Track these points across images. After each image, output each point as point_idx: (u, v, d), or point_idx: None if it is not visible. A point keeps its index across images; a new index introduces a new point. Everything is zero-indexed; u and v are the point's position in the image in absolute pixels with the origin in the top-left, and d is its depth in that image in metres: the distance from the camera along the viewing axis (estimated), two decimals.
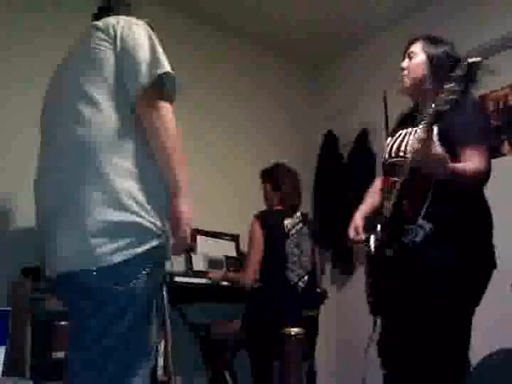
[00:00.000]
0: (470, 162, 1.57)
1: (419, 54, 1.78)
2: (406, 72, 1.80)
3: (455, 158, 1.59)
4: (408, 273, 1.63)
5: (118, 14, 1.53)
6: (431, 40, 1.80)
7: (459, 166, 1.58)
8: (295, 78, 3.95)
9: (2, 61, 2.54)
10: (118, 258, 1.23)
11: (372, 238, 1.79)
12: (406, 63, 1.81)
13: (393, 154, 1.77)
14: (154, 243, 1.29)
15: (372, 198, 1.93)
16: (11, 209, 2.45)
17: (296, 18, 3.44)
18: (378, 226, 1.76)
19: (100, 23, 1.41)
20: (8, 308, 2.02)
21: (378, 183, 1.95)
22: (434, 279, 1.58)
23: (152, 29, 1.47)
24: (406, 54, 1.83)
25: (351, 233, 1.87)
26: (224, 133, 3.40)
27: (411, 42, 1.83)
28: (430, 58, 1.75)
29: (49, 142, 1.41)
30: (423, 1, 3.20)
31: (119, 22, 1.39)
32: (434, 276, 1.58)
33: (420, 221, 1.61)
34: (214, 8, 3.32)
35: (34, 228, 1.46)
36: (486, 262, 1.63)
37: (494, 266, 1.64)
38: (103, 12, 1.58)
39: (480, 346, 1.63)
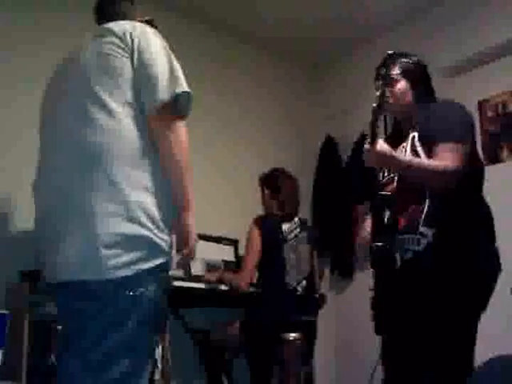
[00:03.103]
0: (438, 160, 1.57)
1: (400, 80, 1.75)
2: (391, 100, 1.75)
3: None
4: (412, 282, 1.62)
5: (123, 11, 1.53)
6: (402, 57, 1.78)
7: (416, 160, 1.61)
8: (295, 81, 3.95)
9: (4, 61, 2.53)
10: (127, 272, 1.23)
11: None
12: (388, 91, 1.74)
13: (385, 174, 1.79)
14: (162, 260, 1.30)
15: None
16: (10, 211, 2.45)
17: (297, 21, 3.43)
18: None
19: (114, 28, 1.39)
20: (6, 311, 2.01)
21: None
22: (439, 286, 1.57)
23: (155, 27, 1.47)
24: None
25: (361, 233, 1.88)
26: (224, 137, 3.39)
27: (387, 64, 1.75)
28: (410, 79, 1.75)
29: (52, 143, 1.39)
30: (425, 4, 3.20)
31: (135, 30, 1.37)
32: (439, 282, 1.58)
33: (421, 228, 1.61)
34: (216, 10, 3.30)
35: (33, 231, 1.45)
36: (491, 265, 1.63)
37: (499, 268, 1.63)
38: (106, 8, 1.57)
39: (479, 351, 1.63)
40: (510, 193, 2.67)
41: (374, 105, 1.56)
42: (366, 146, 1.59)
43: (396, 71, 1.76)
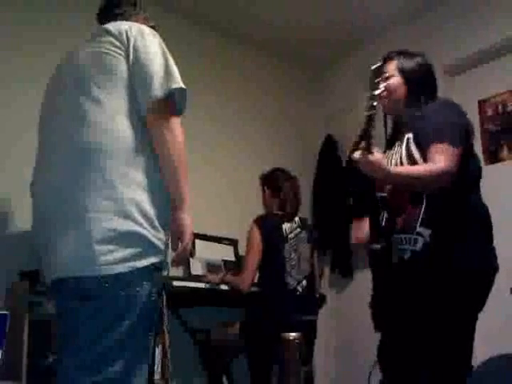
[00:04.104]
0: (430, 161, 1.57)
1: (395, 75, 1.77)
2: (384, 94, 1.75)
3: None
4: (410, 281, 1.62)
5: (123, 14, 1.53)
6: (404, 55, 1.79)
7: (403, 168, 1.62)
8: (295, 82, 3.95)
9: (4, 61, 2.53)
10: (121, 269, 1.23)
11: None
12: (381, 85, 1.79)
13: None
14: (157, 258, 1.29)
15: None
16: (9, 211, 2.45)
17: (295, 24, 3.43)
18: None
19: (111, 28, 1.39)
20: (6, 312, 2.01)
21: None
22: (436, 285, 1.57)
23: (156, 31, 1.47)
24: None
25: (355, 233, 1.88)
26: (223, 136, 3.40)
27: (384, 62, 1.80)
28: (406, 76, 1.75)
29: (49, 143, 1.39)
30: (423, 5, 3.20)
31: (132, 29, 1.37)
32: (437, 282, 1.57)
33: (419, 228, 1.60)
34: (216, 14, 3.31)
35: (32, 230, 1.45)
36: (488, 265, 1.62)
37: (496, 268, 1.63)
38: (107, 12, 1.57)
39: (479, 351, 1.63)
40: (510, 192, 2.67)
41: (366, 113, 1.56)
42: (355, 155, 1.58)
43: (392, 67, 1.77)
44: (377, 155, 1.55)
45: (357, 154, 1.57)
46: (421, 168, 1.59)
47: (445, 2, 3.14)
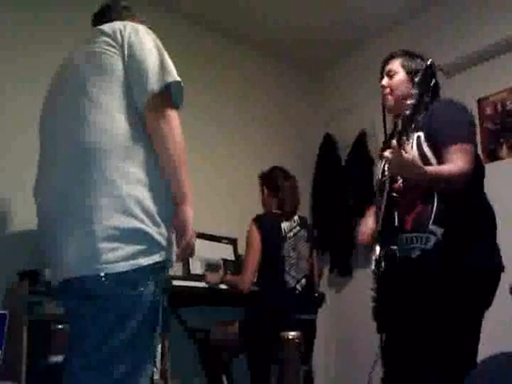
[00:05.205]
0: (450, 162, 1.57)
1: (399, 72, 1.78)
2: (387, 90, 1.79)
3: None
4: (419, 280, 1.62)
5: (119, 16, 1.54)
6: (409, 55, 1.80)
7: (433, 168, 1.59)
8: (294, 82, 3.95)
9: (4, 61, 2.54)
10: (124, 267, 1.22)
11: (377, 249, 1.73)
12: (385, 82, 1.80)
13: (381, 176, 1.78)
14: (161, 257, 1.28)
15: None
16: (9, 212, 2.45)
17: (295, 24, 3.44)
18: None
19: (105, 28, 1.40)
20: (4, 312, 2.01)
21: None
22: (447, 284, 1.57)
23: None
24: (385, 71, 1.82)
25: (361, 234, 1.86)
26: (223, 136, 3.40)
27: (388, 59, 1.82)
28: (410, 74, 1.75)
29: (49, 143, 1.40)
30: (422, 5, 3.20)
31: (126, 28, 1.38)
32: (448, 281, 1.57)
33: (431, 227, 1.60)
34: (216, 15, 3.32)
35: (31, 231, 1.45)
36: (497, 264, 1.63)
37: (503, 267, 1.63)
38: (103, 14, 1.59)
39: (479, 349, 1.63)
40: (509, 190, 2.67)
41: (408, 112, 1.52)
42: (387, 153, 1.55)
43: (396, 64, 1.78)
44: (411, 153, 1.53)
45: (388, 153, 1.54)
46: (447, 168, 1.57)
47: (444, 2, 3.15)
